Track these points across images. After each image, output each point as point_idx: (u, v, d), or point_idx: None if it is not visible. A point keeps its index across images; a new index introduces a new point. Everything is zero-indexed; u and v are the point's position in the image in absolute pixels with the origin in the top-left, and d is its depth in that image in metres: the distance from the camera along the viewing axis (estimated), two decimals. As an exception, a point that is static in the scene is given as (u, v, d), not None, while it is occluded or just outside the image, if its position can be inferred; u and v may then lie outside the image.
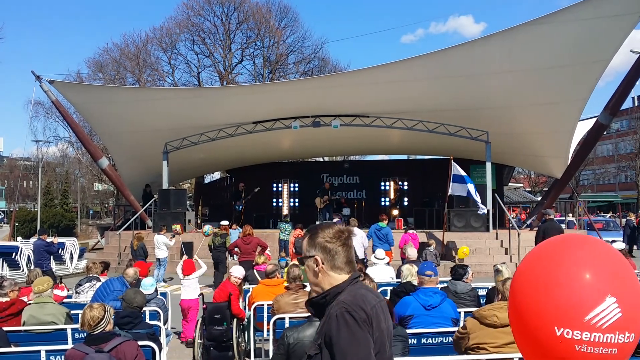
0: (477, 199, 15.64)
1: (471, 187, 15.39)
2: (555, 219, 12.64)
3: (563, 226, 25.64)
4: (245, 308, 7.75)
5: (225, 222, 15.52)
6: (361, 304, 2.23)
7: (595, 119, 18.07)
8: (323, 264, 2.37)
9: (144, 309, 6.53)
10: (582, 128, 19.58)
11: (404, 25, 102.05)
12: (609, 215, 41.17)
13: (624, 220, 24.85)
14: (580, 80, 15.16)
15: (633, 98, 53.14)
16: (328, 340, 2.18)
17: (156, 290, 7.39)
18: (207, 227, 15.68)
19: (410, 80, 15.88)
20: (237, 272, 7.67)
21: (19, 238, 23.50)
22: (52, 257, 13.48)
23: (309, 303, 2.40)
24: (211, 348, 7.33)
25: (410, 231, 14.63)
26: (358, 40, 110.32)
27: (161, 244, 15.09)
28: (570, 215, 26.66)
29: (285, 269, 8.77)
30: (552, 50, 14.24)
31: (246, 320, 7.51)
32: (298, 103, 17.73)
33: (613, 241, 13.38)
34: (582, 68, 14.66)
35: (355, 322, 2.17)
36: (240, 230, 14.78)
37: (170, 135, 19.39)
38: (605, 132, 20.85)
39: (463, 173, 15.64)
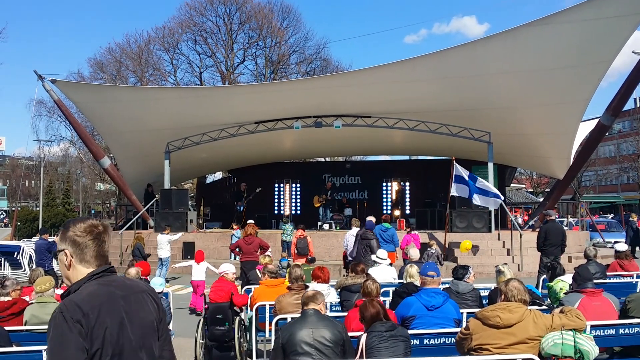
0: (491, 189, 15.46)
1: (482, 182, 15.31)
2: (557, 220, 12.60)
3: (565, 228, 25.59)
4: (247, 309, 7.74)
5: (251, 221, 15.61)
6: (80, 302, 2.24)
7: (597, 120, 18.04)
8: (72, 257, 2.40)
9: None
10: (585, 129, 19.56)
11: (406, 26, 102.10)
12: (610, 216, 41.10)
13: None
14: (582, 81, 15.14)
15: (635, 99, 53.10)
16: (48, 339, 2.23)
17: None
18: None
19: (412, 80, 15.87)
20: (230, 268, 7.70)
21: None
22: (53, 256, 13.47)
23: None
24: (213, 348, 7.33)
25: (413, 232, 14.62)
26: (360, 40, 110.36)
27: (164, 244, 15.09)
28: (569, 216, 26.55)
29: (287, 270, 8.79)
30: (555, 50, 14.22)
31: (247, 320, 7.52)
32: (300, 103, 17.72)
33: (615, 242, 13.35)
34: (584, 69, 14.64)
35: (65, 322, 2.18)
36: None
37: (172, 135, 19.39)
38: (607, 133, 20.81)
39: (466, 174, 15.59)
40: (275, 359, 4.48)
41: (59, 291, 7.62)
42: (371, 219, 12.66)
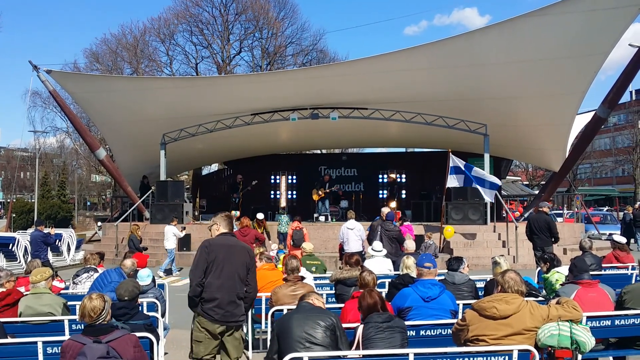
0: (488, 179, 15.50)
1: (478, 171, 15.35)
2: (549, 212, 12.50)
3: (560, 219, 25.65)
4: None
5: (260, 216, 15.71)
6: (210, 240, 5.15)
7: (593, 113, 18.06)
8: (219, 225, 5.24)
9: (142, 300, 6.50)
10: (580, 121, 19.59)
11: (406, 16, 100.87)
12: (605, 208, 41.24)
13: (621, 213, 24.87)
14: (579, 72, 15.14)
15: (631, 92, 53.15)
16: None
17: (153, 281, 7.36)
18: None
19: (409, 70, 15.81)
20: None
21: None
22: (49, 248, 13.43)
23: None
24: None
25: (406, 223, 14.59)
26: (359, 31, 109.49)
27: (170, 235, 15.17)
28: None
29: (282, 261, 8.77)
30: (552, 42, 14.20)
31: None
32: (296, 94, 17.66)
33: (611, 234, 13.40)
34: (581, 60, 14.63)
35: (201, 248, 5.07)
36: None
37: (168, 127, 19.32)
38: (603, 126, 20.84)
39: (462, 164, 15.61)
40: (271, 348, 4.53)
41: (56, 283, 7.61)
42: (388, 210, 12.53)
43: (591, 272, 6.11)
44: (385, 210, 12.25)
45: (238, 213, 16.76)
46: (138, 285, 5.82)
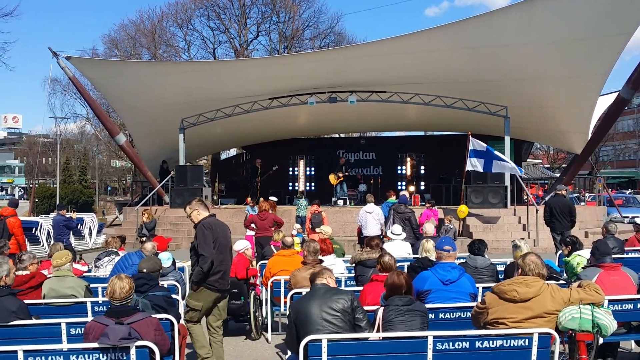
0: (509, 164, 15.49)
1: (498, 155, 15.34)
2: (567, 195, 12.35)
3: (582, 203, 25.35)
4: (261, 284, 7.81)
5: (274, 198, 15.71)
6: (208, 221, 5.59)
7: (616, 94, 17.72)
8: (200, 210, 5.68)
9: (162, 282, 6.58)
10: (603, 103, 19.24)
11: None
12: (628, 191, 40.63)
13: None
14: (601, 53, 14.84)
15: (656, 72, 52.00)
16: (197, 237, 5.54)
17: (174, 263, 7.44)
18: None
19: (428, 51, 15.64)
20: (248, 245, 7.83)
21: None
22: (71, 232, 13.64)
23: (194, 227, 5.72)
24: (229, 322, 7.40)
25: (433, 208, 14.61)
26: (377, 13, 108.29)
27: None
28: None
29: (300, 243, 8.80)
30: (573, 21, 13.93)
31: (262, 295, 7.59)
32: (314, 78, 17.58)
33: (633, 217, 13.21)
34: (603, 40, 14.34)
35: (206, 229, 5.50)
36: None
37: (187, 111, 19.39)
38: (626, 107, 20.45)
39: (483, 147, 15.50)
40: (289, 333, 4.51)
41: (77, 265, 7.73)
42: (405, 193, 12.72)
43: (613, 256, 6.03)
44: (402, 193, 12.39)
45: (276, 199, 16.42)
46: (160, 264, 6.16)
